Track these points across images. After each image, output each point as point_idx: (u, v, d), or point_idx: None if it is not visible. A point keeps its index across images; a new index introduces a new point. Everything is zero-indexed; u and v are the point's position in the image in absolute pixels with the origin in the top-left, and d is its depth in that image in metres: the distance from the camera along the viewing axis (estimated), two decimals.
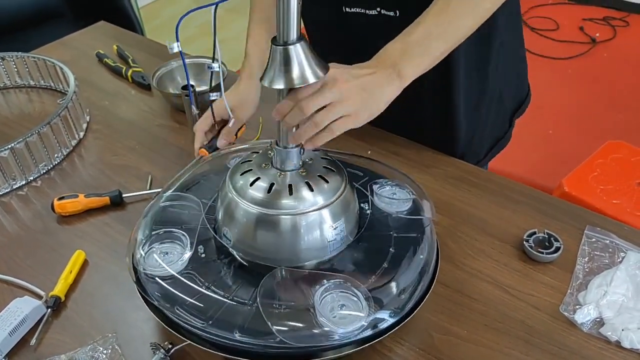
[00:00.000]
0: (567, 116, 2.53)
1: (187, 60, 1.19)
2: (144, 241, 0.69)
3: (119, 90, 1.20)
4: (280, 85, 0.62)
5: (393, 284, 0.66)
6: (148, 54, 1.32)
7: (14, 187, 0.94)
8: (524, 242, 0.80)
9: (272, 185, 0.66)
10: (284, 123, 0.65)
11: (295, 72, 0.61)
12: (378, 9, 0.88)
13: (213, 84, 0.88)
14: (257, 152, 0.72)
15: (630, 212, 1.47)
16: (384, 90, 0.68)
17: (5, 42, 2.12)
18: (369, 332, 0.61)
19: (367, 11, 0.89)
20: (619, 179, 1.57)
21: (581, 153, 1.79)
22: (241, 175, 0.69)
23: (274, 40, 0.62)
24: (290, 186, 0.66)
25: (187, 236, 0.70)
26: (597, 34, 3.11)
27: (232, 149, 0.90)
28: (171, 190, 0.78)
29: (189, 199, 0.76)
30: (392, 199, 0.79)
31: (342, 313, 0.62)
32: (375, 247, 0.71)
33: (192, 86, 1.01)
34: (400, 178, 0.83)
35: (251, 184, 0.67)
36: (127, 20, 2.15)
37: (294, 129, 0.66)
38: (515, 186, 0.92)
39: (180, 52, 0.74)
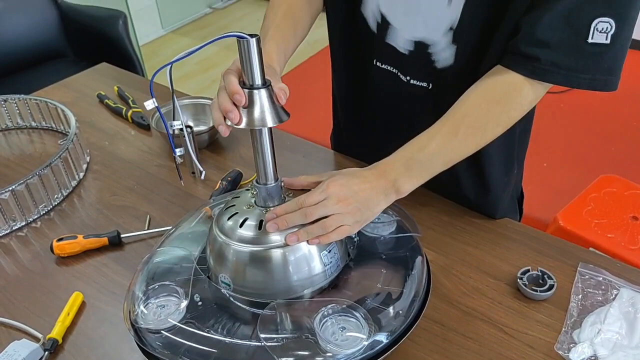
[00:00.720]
0: (560, 149, 2.56)
1: (187, 101, 1.22)
2: (141, 297, 0.71)
3: (119, 131, 1.23)
4: (242, 125, 0.65)
5: (389, 303, 0.69)
6: (148, 95, 1.34)
7: (14, 228, 0.95)
8: (518, 280, 0.81)
9: (261, 222, 0.69)
10: (281, 220, 0.69)
11: (257, 114, 0.65)
12: (408, 78, 0.89)
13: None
14: (238, 197, 0.75)
15: (625, 245, 1.48)
16: (380, 204, 0.73)
17: (10, 81, 2.17)
18: (370, 353, 0.63)
19: (398, 73, 0.90)
20: (612, 213, 1.58)
21: (575, 185, 1.81)
22: (228, 219, 0.71)
23: (242, 83, 0.66)
24: None
25: (182, 287, 0.71)
26: None
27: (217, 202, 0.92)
28: (163, 245, 0.79)
29: (179, 253, 0.78)
30: (376, 223, 0.81)
31: (345, 335, 0.64)
32: (366, 269, 0.74)
33: (190, 127, 1.03)
34: None
35: (240, 225, 0.69)
36: (128, 60, 2.20)
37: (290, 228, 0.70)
38: (508, 224, 0.94)
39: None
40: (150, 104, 0.71)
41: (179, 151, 0.82)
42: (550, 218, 1.65)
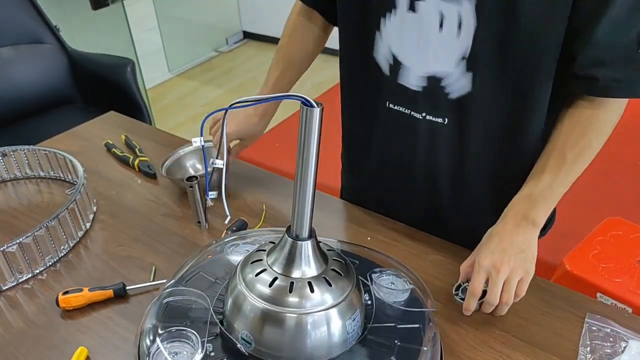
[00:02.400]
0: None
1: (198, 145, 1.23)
2: (152, 341, 0.70)
3: (126, 180, 1.24)
4: (279, 271, 0.69)
5: None
6: (155, 143, 1.37)
7: (20, 280, 0.96)
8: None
9: (292, 283, 0.68)
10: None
11: (297, 266, 0.69)
12: (423, 114, 0.90)
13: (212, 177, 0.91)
14: (273, 243, 0.74)
15: (633, 290, 1.46)
16: (528, 242, 0.81)
17: (20, 126, 2.21)
18: None
19: (412, 112, 0.91)
20: (619, 257, 1.57)
21: (581, 227, 1.80)
22: (256, 275, 0.70)
23: (288, 231, 0.69)
24: (309, 283, 0.68)
25: (197, 334, 0.70)
26: None
27: (229, 238, 0.93)
28: (174, 284, 0.79)
29: (193, 293, 0.78)
30: (390, 288, 0.81)
31: None
32: (381, 339, 0.74)
33: (196, 177, 1.04)
34: (397, 267, 0.85)
35: (270, 285, 0.68)
36: (135, 106, 2.24)
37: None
38: None
39: (202, 146, 0.84)
40: (197, 141, 0.82)
41: (212, 194, 0.84)
42: (557, 260, 1.64)
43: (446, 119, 0.89)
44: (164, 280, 0.92)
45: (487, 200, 0.96)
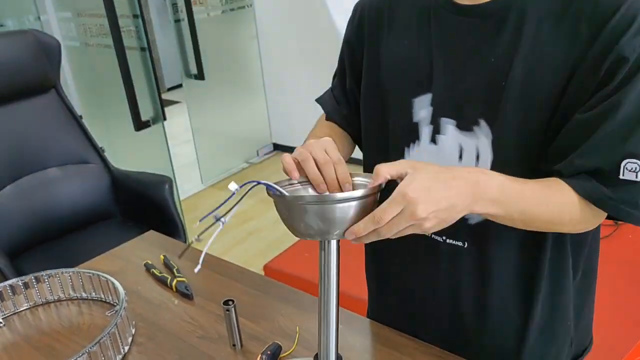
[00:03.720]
0: (600, 302, 2.49)
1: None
2: None
3: (164, 300, 1.28)
4: None
5: None
6: (192, 263, 1.41)
7: None
8: None
9: None
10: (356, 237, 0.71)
11: None
12: (443, 237, 0.93)
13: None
14: None
15: None
16: (462, 211, 0.73)
17: (61, 242, 2.31)
18: None
19: (433, 235, 0.94)
20: None
21: (621, 341, 1.73)
22: None
23: (315, 359, 0.72)
24: None
25: None
26: None
27: None
28: None
29: None
30: None
31: None
32: None
33: (233, 301, 1.08)
34: None
35: None
36: (170, 220, 2.33)
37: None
38: None
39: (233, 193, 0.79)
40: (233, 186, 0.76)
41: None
42: None
43: (466, 243, 0.92)
44: None
45: (512, 320, 0.96)
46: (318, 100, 1.14)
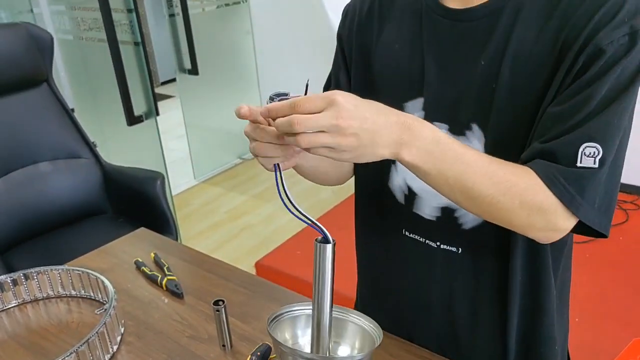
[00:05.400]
0: (591, 303, 2.51)
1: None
2: None
3: (153, 299, 1.27)
4: None
5: None
6: (184, 261, 1.41)
7: None
8: None
9: None
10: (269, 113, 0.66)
11: None
12: (438, 243, 0.93)
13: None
14: None
15: None
16: (385, 147, 0.68)
17: (51, 237, 2.30)
18: None
19: (427, 241, 0.94)
20: None
21: (610, 344, 1.74)
22: None
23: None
24: None
25: None
26: None
27: None
28: None
29: None
30: None
31: None
32: None
33: (223, 301, 1.07)
34: None
35: None
36: (162, 216, 2.32)
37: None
38: None
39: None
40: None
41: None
42: None
43: (460, 249, 0.92)
44: None
45: (503, 323, 0.96)
46: None
